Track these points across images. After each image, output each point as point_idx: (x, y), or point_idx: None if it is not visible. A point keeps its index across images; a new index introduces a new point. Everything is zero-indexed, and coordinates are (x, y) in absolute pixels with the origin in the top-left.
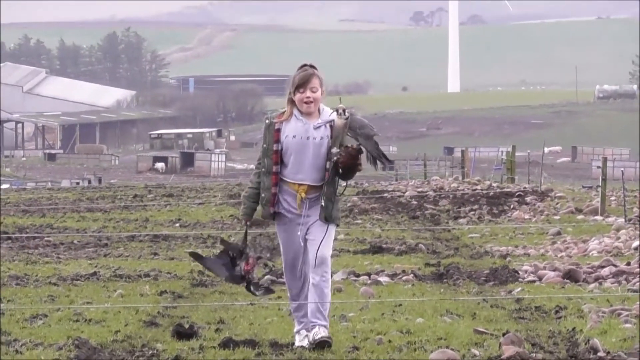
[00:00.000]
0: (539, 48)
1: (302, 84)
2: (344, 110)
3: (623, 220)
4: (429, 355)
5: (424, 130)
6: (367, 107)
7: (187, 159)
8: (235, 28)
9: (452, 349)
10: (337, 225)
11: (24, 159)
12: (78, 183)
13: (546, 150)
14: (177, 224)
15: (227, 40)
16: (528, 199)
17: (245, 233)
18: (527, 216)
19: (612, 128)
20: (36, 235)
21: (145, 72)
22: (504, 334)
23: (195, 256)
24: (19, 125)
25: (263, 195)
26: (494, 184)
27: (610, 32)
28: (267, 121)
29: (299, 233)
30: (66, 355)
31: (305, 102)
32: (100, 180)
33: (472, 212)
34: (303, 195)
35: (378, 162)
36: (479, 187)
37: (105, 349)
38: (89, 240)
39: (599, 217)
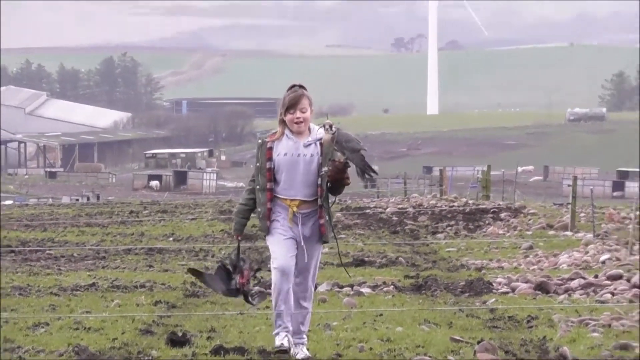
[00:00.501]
0: (513, 72)
1: (292, 105)
2: (330, 126)
3: (592, 235)
4: None
5: (405, 150)
6: (350, 128)
7: (180, 178)
8: (225, 53)
9: (429, 356)
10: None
11: (27, 176)
12: (77, 199)
13: (519, 169)
14: (171, 238)
15: (217, 64)
16: (502, 215)
17: (238, 247)
18: (501, 231)
19: (582, 149)
20: (38, 248)
21: (141, 95)
22: (478, 342)
23: (194, 273)
24: (22, 145)
25: (259, 209)
26: (470, 201)
27: (581, 57)
28: (259, 141)
29: (292, 246)
30: None
31: (296, 123)
32: (98, 197)
33: (449, 228)
34: (295, 209)
35: (365, 174)
36: (455, 204)
37: (104, 355)
38: (87, 253)
39: (569, 233)
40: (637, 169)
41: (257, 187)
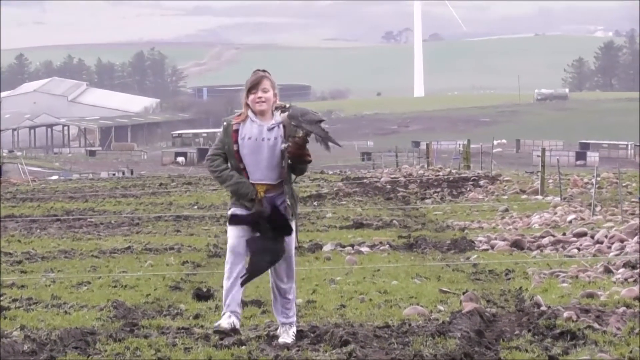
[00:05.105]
0: (487, 59)
1: (254, 86)
2: (282, 106)
3: (559, 198)
4: (402, 311)
5: (395, 128)
6: (348, 110)
7: (203, 154)
8: (239, 47)
9: (421, 306)
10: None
11: (70, 155)
12: (114, 174)
13: (495, 142)
14: (195, 206)
15: (233, 56)
16: (481, 182)
17: (260, 202)
18: (480, 196)
19: (548, 124)
20: (80, 217)
21: (167, 84)
22: (463, 293)
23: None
24: (65, 127)
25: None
26: (453, 171)
27: (546, 45)
28: (224, 123)
29: (246, 229)
30: (106, 314)
31: (257, 102)
32: (132, 172)
33: (436, 194)
34: (262, 194)
35: (329, 143)
36: (441, 174)
37: (139, 309)
38: (123, 221)
39: (539, 197)
40: (597, 141)
41: (229, 170)
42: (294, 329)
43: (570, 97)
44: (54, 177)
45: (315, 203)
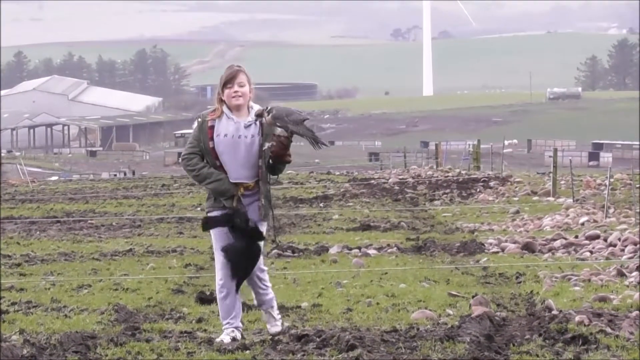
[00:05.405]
0: (498, 57)
1: (229, 80)
2: (265, 109)
3: (571, 200)
4: (410, 315)
5: (404, 128)
6: (355, 109)
7: None
8: (243, 44)
9: (430, 310)
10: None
11: (70, 155)
12: (115, 175)
13: (506, 143)
14: (199, 208)
15: (237, 54)
16: (491, 183)
17: (240, 200)
18: (490, 198)
19: (560, 124)
20: (81, 218)
21: (170, 82)
22: (473, 297)
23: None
24: (65, 127)
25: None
26: (463, 172)
27: (558, 43)
28: (199, 119)
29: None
30: (107, 318)
31: (234, 97)
32: (133, 173)
33: (445, 195)
34: (242, 191)
35: (317, 142)
36: (450, 175)
37: (140, 312)
38: (125, 222)
39: (551, 198)
40: (610, 141)
41: (207, 167)
42: (276, 309)
43: (583, 96)
44: (54, 178)
45: (321, 204)
